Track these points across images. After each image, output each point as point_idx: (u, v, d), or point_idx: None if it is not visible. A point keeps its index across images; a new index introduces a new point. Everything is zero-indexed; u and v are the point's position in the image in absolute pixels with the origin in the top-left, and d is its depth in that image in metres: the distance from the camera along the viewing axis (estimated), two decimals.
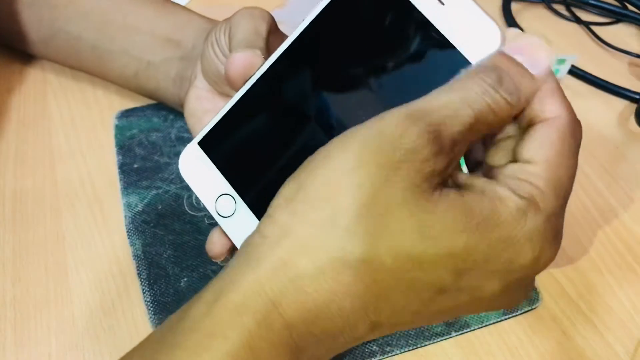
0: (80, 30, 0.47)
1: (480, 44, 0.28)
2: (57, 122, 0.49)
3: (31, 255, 0.40)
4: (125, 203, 0.42)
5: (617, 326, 0.37)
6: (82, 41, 0.47)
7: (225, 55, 0.38)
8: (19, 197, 0.44)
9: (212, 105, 0.41)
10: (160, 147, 0.46)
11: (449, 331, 0.36)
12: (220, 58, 0.38)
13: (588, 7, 0.63)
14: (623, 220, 0.44)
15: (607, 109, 0.53)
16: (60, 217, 0.42)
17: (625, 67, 0.57)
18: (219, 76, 0.39)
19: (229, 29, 0.38)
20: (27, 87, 0.52)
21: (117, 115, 0.49)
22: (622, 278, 0.40)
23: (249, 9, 0.38)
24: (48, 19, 0.47)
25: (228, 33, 0.38)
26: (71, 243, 0.41)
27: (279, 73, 0.31)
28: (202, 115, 0.40)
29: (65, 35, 0.48)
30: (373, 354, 0.35)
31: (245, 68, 0.33)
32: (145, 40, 0.45)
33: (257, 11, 0.37)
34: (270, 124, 0.31)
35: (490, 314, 0.37)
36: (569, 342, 0.36)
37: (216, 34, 0.39)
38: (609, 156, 0.48)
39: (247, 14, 0.37)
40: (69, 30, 0.47)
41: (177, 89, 0.45)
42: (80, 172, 0.45)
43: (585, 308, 0.38)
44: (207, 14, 0.46)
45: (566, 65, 0.54)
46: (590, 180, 0.46)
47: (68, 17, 0.47)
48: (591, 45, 0.59)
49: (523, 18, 0.61)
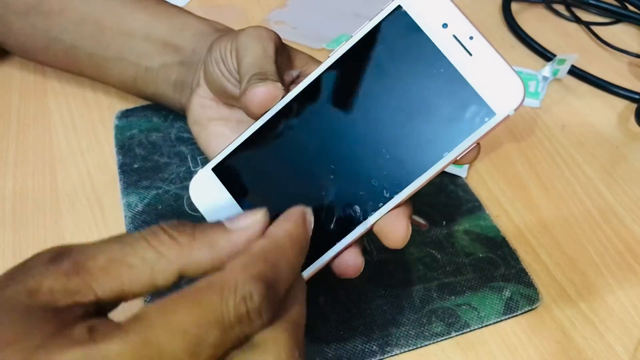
0: (75, 38, 0.46)
1: (503, 95, 0.29)
2: (57, 122, 0.49)
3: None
4: (125, 203, 0.42)
5: (617, 326, 0.37)
6: (78, 50, 0.47)
7: (232, 75, 0.38)
8: (19, 197, 0.44)
9: (216, 113, 0.40)
10: (160, 147, 0.46)
11: (449, 331, 0.36)
12: (226, 76, 0.38)
13: (588, 7, 0.63)
14: (623, 220, 0.44)
15: (607, 109, 0.53)
16: (60, 217, 0.42)
17: (625, 67, 0.57)
18: (224, 92, 0.39)
19: (235, 50, 0.37)
20: (27, 87, 0.52)
21: (117, 115, 0.49)
22: (622, 278, 0.40)
23: (255, 29, 0.37)
24: (41, 28, 0.47)
25: (235, 54, 0.37)
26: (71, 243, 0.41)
27: (301, 107, 0.31)
28: (206, 123, 0.40)
29: (61, 44, 0.47)
30: (373, 353, 0.35)
31: (267, 100, 0.32)
32: (142, 45, 0.45)
33: (264, 32, 0.37)
34: (288, 156, 0.31)
35: (491, 313, 0.37)
36: (569, 342, 0.36)
37: (222, 51, 0.38)
38: (609, 156, 0.48)
39: (254, 35, 0.37)
40: (63, 39, 0.47)
41: (177, 94, 0.45)
42: (80, 172, 0.45)
43: (585, 308, 0.38)
44: (206, 15, 0.46)
45: (566, 65, 0.54)
46: (590, 180, 0.46)
47: (62, 26, 0.46)
48: (591, 45, 0.59)
49: (523, 18, 0.61)
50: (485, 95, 0.29)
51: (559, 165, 0.47)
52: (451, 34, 0.30)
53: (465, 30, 0.30)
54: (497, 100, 0.29)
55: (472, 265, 0.39)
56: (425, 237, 0.41)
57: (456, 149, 0.30)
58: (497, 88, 0.29)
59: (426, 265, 0.40)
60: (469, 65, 0.29)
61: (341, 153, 0.31)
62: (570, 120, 0.51)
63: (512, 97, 0.29)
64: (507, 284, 0.39)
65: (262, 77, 0.34)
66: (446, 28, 0.30)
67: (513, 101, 0.29)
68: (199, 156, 0.45)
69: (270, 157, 0.32)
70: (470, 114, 0.29)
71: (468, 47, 0.29)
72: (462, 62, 0.29)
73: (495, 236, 0.41)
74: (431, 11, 0.30)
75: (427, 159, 0.30)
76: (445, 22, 0.30)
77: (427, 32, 0.30)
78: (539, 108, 0.52)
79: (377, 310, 0.37)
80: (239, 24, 0.46)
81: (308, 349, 0.35)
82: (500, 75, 0.29)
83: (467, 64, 0.29)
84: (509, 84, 0.29)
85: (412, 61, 0.30)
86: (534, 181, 0.46)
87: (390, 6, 0.31)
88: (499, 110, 0.29)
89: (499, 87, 0.29)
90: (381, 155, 0.30)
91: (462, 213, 0.43)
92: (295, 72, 0.38)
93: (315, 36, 0.58)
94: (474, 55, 0.29)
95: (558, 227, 0.43)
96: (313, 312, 0.35)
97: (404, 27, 0.30)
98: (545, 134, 0.50)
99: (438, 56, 0.30)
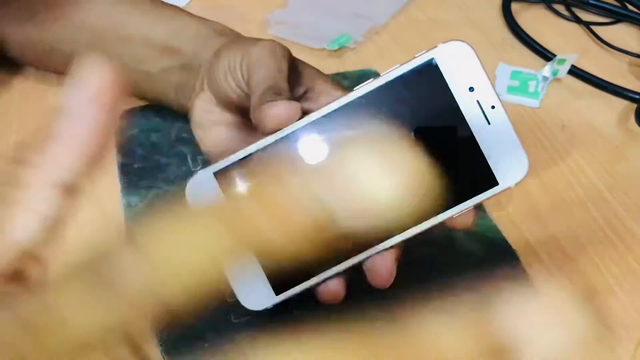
0: (72, 47, 0.46)
1: (509, 168, 0.30)
2: None
3: None
4: (125, 203, 0.42)
5: (617, 326, 0.37)
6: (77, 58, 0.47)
7: (240, 86, 0.37)
8: None
9: (220, 117, 0.40)
10: (160, 147, 0.46)
11: None
12: (232, 87, 0.38)
13: (588, 7, 0.63)
14: (623, 220, 0.44)
15: (607, 109, 0.53)
16: None
17: (625, 67, 0.57)
18: (229, 101, 0.39)
19: (247, 64, 0.37)
20: (27, 87, 0.52)
21: None
22: (622, 278, 0.40)
23: (269, 44, 0.37)
24: (38, 39, 0.47)
25: (247, 68, 0.37)
26: (71, 243, 0.41)
27: (314, 134, 0.32)
28: (210, 127, 0.40)
29: (59, 53, 0.47)
30: None
31: (285, 119, 0.32)
32: (140, 50, 0.44)
33: (278, 48, 0.37)
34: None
35: None
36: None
37: (231, 62, 0.38)
38: (609, 156, 0.48)
39: (270, 49, 0.36)
40: (61, 48, 0.47)
41: (179, 97, 0.44)
42: None
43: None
44: (206, 15, 0.46)
45: (566, 65, 0.54)
46: (590, 180, 0.46)
47: (57, 35, 0.46)
48: (591, 45, 0.59)
49: (523, 18, 0.61)
50: (494, 165, 0.30)
51: (559, 165, 0.47)
52: (476, 99, 0.30)
53: (490, 99, 0.30)
54: (503, 172, 0.30)
55: (472, 265, 0.39)
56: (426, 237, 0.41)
57: (453, 209, 0.31)
58: (505, 160, 0.30)
59: (426, 265, 0.40)
60: (485, 133, 0.30)
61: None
62: (570, 120, 0.51)
63: (517, 171, 0.30)
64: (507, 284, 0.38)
65: (277, 92, 0.33)
66: (472, 92, 0.30)
67: (517, 175, 0.30)
68: (199, 156, 0.45)
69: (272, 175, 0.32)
70: (475, 179, 0.30)
71: (488, 116, 0.30)
72: (480, 128, 0.30)
73: (495, 236, 0.41)
74: (462, 72, 0.30)
75: (424, 212, 0.30)
76: (472, 86, 0.30)
77: (454, 90, 0.30)
78: (538, 108, 0.52)
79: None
80: (239, 24, 0.46)
81: None
82: (510, 149, 0.30)
83: (483, 131, 0.30)
84: (516, 159, 0.30)
85: (433, 115, 0.31)
86: (533, 181, 0.46)
87: (424, 57, 0.31)
88: (502, 181, 0.30)
89: (506, 160, 0.30)
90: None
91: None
92: (302, 88, 0.38)
93: (315, 36, 0.58)
94: (491, 125, 0.30)
95: (558, 227, 0.43)
96: (313, 312, 0.34)
97: (432, 80, 0.31)
98: (545, 134, 0.50)
99: (458, 116, 0.30)
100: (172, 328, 0.36)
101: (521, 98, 0.53)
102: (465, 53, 0.30)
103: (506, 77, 0.55)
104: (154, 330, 0.18)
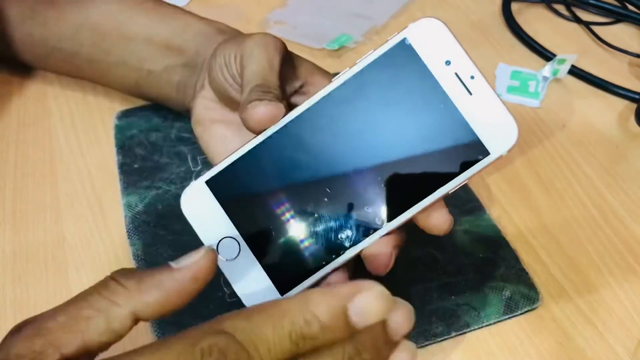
0: (74, 46, 0.46)
1: (498, 136, 0.30)
2: (57, 122, 0.49)
3: (31, 255, 0.40)
4: (125, 203, 0.42)
5: (617, 326, 0.37)
6: (78, 57, 0.47)
7: (236, 81, 0.37)
8: (19, 197, 0.44)
9: (220, 115, 0.40)
10: (161, 147, 0.46)
11: (449, 331, 0.36)
12: (230, 82, 0.38)
13: (588, 7, 0.63)
14: (623, 220, 0.44)
15: (607, 109, 0.53)
16: (60, 217, 0.42)
17: (625, 67, 0.57)
18: (228, 97, 0.39)
19: (240, 57, 0.37)
20: (27, 87, 0.52)
21: (117, 115, 0.49)
22: (622, 278, 0.40)
23: (262, 37, 0.37)
24: (40, 38, 0.47)
25: (240, 61, 0.37)
26: (71, 243, 0.41)
27: (300, 129, 0.32)
28: (209, 124, 0.40)
29: (60, 52, 0.47)
30: None
31: (267, 120, 0.32)
32: (143, 49, 0.44)
33: (270, 40, 0.36)
34: (284, 175, 0.32)
35: (491, 314, 0.37)
36: (569, 342, 0.36)
37: (226, 57, 0.38)
38: (609, 156, 0.48)
39: (261, 43, 0.36)
40: (62, 47, 0.46)
41: (180, 96, 0.44)
42: (80, 172, 0.45)
43: (585, 308, 0.38)
44: (207, 15, 0.46)
45: (566, 65, 0.54)
46: (590, 180, 0.46)
47: (60, 34, 0.46)
48: (591, 45, 0.59)
49: (523, 18, 0.61)
50: (482, 135, 0.30)
51: (559, 165, 0.47)
52: (453, 72, 0.30)
53: (467, 69, 0.30)
54: (492, 140, 0.30)
55: (472, 265, 0.39)
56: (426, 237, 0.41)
57: (448, 184, 0.30)
58: (493, 128, 0.30)
59: (426, 265, 0.40)
60: (468, 103, 0.30)
61: (337, 177, 0.31)
62: (570, 120, 0.51)
63: (507, 137, 0.30)
64: (507, 284, 0.39)
65: (265, 90, 0.33)
66: (449, 65, 0.30)
67: (507, 142, 0.30)
68: (199, 156, 0.45)
69: (265, 175, 0.32)
70: (465, 151, 0.30)
71: (469, 86, 0.30)
72: (462, 100, 0.30)
73: (495, 236, 0.41)
74: (435, 47, 0.30)
75: (421, 191, 0.31)
76: (448, 59, 0.30)
77: (430, 67, 0.30)
78: (538, 108, 0.52)
79: None
80: (239, 24, 0.46)
81: None
82: (497, 116, 0.30)
83: (466, 102, 0.30)
84: (504, 125, 0.30)
85: (413, 94, 0.31)
86: (534, 181, 0.46)
87: (396, 38, 0.31)
88: (493, 149, 0.30)
89: (494, 128, 0.30)
90: (376, 184, 0.31)
91: (462, 213, 0.43)
92: (298, 82, 0.38)
93: (315, 36, 0.58)
94: (473, 95, 0.30)
95: (558, 227, 0.43)
96: None
97: (408, 60, 0.31)
98: (545, 134, 0.50)
99: (439, 92, 0.30)
100: (170, 330, 0.36)
101: (521, 98, 0.53)
102: (437, 28, 0.30)
103: (506, 77, 0.55)
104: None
